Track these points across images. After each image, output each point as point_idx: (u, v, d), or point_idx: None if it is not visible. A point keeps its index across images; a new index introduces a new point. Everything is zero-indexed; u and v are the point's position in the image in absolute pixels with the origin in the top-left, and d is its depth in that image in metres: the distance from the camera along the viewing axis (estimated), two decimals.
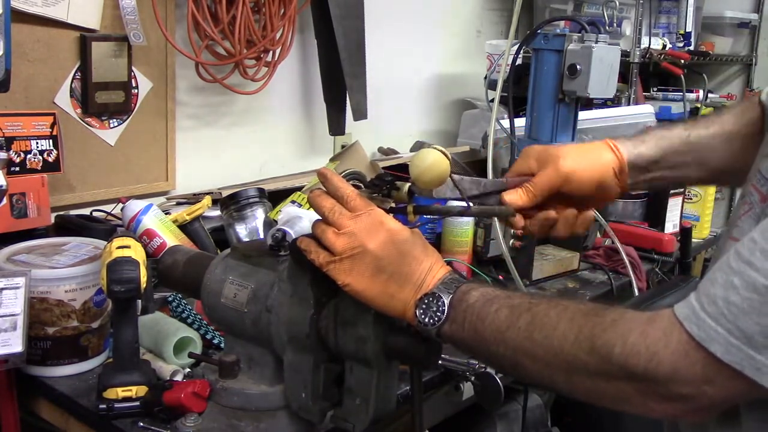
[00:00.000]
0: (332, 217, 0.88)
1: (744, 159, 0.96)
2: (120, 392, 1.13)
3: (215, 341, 1.34)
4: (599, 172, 1.01)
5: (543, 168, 1.00)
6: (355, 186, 1.00)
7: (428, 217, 1.16)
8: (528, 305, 0.80)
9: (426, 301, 0.84)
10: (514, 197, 1.00)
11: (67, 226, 1.64)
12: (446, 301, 0.83)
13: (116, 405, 1.12)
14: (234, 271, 1.03)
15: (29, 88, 1.69)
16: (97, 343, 1.28)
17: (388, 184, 0.95)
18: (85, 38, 1.74)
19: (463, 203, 0.96)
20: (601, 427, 1.69)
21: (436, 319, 0.83)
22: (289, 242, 0.98)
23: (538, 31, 1.93)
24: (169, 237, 1.57)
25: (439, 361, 0.94)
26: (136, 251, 1.15)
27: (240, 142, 2.20)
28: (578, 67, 1.84)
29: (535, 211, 1.02)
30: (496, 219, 1.73)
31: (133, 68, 1.85)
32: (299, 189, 1.84)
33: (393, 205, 0.94)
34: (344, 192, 0.89)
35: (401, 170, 2.08)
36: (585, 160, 1.01)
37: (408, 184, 0.95)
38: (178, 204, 1.91)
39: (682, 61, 2.94)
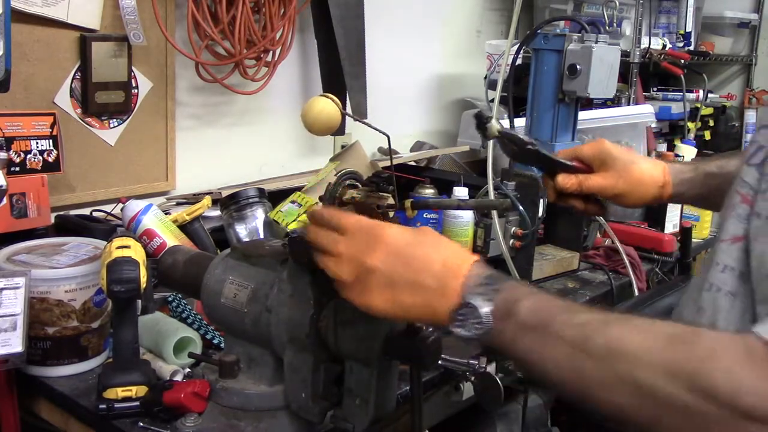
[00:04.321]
0: (330, 248, 0.84)
1: None
2: (120, 392, 1.13)
3: (215, 341, 1.34)
4: (646, 200, 1.18)
5: (603, 170, 1.16)
6: (351, 186, 1.00)
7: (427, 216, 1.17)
8: (598, 325, 0.71)
9: (462, 312, 0.77)
10: (566, 182, 1.17)
11: (67, 226, 1.64)
12: (485, 312, 0.75)
13: (116, 405, 1.12)
14: (234, 271, 1.03)
15: (29, 88, 1.69)
16: (97, 343, 1.28)
17: (385, 181, 0.95)
18: (85, 38, 1.74)
19: (464, 196, 0.97)
20: (601, 426, 1.69)
21: (475, 332, 0.76)
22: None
23: (538, 31, 1.93)
24: (169, 237, 1.57)
25: (439, 361, 0.93)
26: (136, 251, 1.15)
27: (240, 142, 2.20)
28: (578, 67, 1.84)
29: None
30: (495, 218, 1.73)
31: (133, 68, 1.85)
32: (299, 189, 1.84)
33: (390, 202, 0.95)
34: (331, 220, 0.86)
35: (401, 170, 2.08)
36: (639, 188, 1.16)
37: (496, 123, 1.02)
38: (178, 204, 1.91)
39: (682, 61, 2.94)
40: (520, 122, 2.01)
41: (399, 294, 0.80)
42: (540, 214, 1.72)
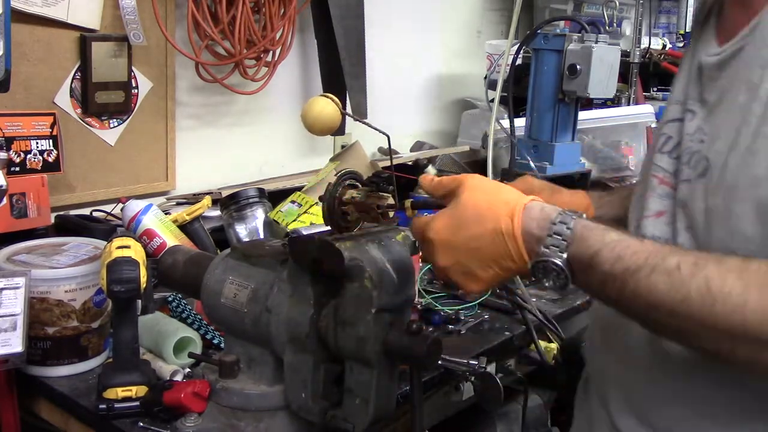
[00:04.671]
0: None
1: None
2: (120, 392, 1.13)
3: (215, 341, 1.34)
4: None
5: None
6: (351, 186, 1.00)
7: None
8: (691, 269, 0.72)
9: (540, 270, 0.80)
10: None
11: (67, 226, 1.64)
12: (561, 265, 0.78)
13: (116, 405, 1.12)
14: (234, 271, 1.03)
15: (29, 88, 1.69)
16: (97, 343, 1.28)
17: (385, 181, 0.95)
18: (85, 38, 1.74)
19: None
20: None
21: (560, 283, 0.79)
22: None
23: (538, 31, 1.93)
24: (169, 237, 1.57)
25: (439, 361, 0.93)
26: (136, 251, 1.15)
27: (240, 142, 2.20)
28: (578, 67, 1.84)
29: None
30: None
31: (133, 68, 1.85)
32: (299, 189, 1.84)
33: (390, 202, 0.95)
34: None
35: (401, 170, 2.08)
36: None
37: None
38: (178, 204, 1.91)
39: None
40: (520, 122, 2.01)
41: (477, 273, 0.84)
42: None
